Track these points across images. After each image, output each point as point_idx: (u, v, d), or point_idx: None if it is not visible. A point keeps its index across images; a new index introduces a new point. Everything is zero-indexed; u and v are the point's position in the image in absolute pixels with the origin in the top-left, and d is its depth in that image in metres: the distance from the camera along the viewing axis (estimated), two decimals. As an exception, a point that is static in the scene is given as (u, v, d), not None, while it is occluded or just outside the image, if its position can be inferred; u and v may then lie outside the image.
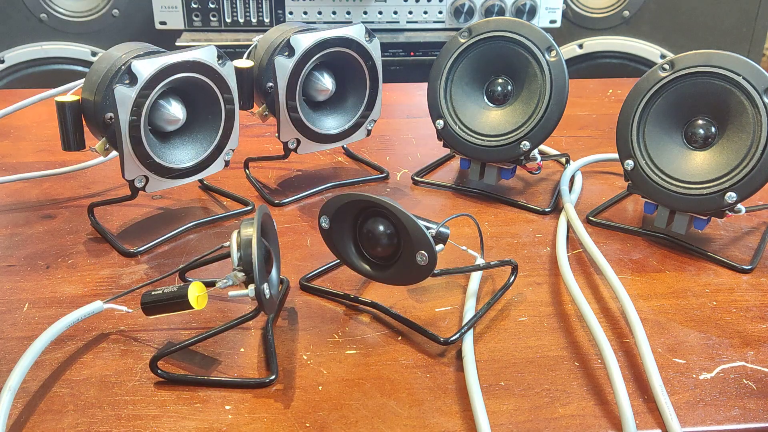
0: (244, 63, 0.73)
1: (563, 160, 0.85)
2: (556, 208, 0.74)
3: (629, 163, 0.68)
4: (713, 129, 0.66)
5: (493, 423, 0.46)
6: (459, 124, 0.76)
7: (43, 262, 0.64)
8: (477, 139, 0.75)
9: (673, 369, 0.51)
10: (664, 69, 0.66)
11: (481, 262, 0.60)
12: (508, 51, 0.74)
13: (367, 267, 0.57)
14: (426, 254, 0.51)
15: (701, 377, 0.51)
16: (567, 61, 0.95)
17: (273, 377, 0.49)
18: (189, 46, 0.65)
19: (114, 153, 0.66)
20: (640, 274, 0.63)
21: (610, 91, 1.14)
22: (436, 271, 0.53)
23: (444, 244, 0.55)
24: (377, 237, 0.54)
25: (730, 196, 0.63)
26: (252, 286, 0.47)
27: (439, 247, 0.53)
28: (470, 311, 0.56)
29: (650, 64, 1.62)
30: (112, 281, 0.61)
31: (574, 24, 1.63)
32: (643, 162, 0.67)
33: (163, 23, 1.47)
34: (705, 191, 0.64)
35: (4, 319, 0.56)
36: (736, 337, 0.55)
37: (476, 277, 0.60)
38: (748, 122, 0.63)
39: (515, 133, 0.73)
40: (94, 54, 1.54)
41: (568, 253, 0.66)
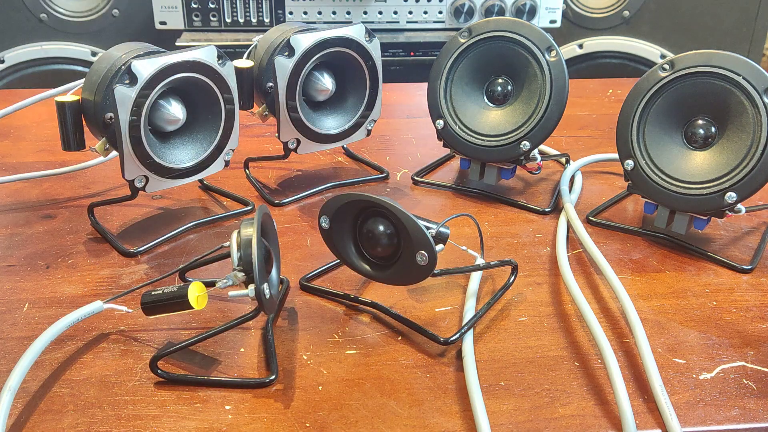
0: (244, 63, 0.73)
1: (563, 160, 0.85)
2: (556, 208, 0.74)
3: (629, 163, 0.68)
4: (713, 129, 0.66)
5: (493, 423, 0.46)
6: (459, 124, 0.76)
7: (43, 262, 0.64)
8: (477, 139, 0.75)
9: (673, 369, 0.51)
10: (664, 69, 0.66)
11: (481, 262, 0.60)
12: (508, 51, 0.74)
13: (367, 267, 0.57)
14: (426, 254, 0.51)
15: (701, 377, 0.51)
16: (567, 61, 0.95)
17: (273, 377, 0.49)
18: (189, 46, 0.65)
19: (114, 153, 0.66)
20: (640, 274, 0.63)
21: (610, 91, 1.14)
22: (436, 271, 0.53)
23: (444, 244, 0.55)
24: (377, 237, 0.54)
25: (730, 196, 0.63)
26: (252, 286, 0.47)
27: (439, 247, 0.53)
28: (470, 311, 0.56)
29: (650, 64, 1.62)
30: (112, 281, 0.61)
31: (574, 24, 1.63)
32: (643, 162, 0.67)
33: (163, 23, 1.47)
34: (705, 191, 0.64)
35: (4, 319, 0.56)
36: (736, 337, 0.55)
37: (476, 277, 0.60)
38: (748, 122, 0.63)
39: (515, 133, 0.73)
40: (94, 54, 1.54)
41: (568, 253, 0.66)
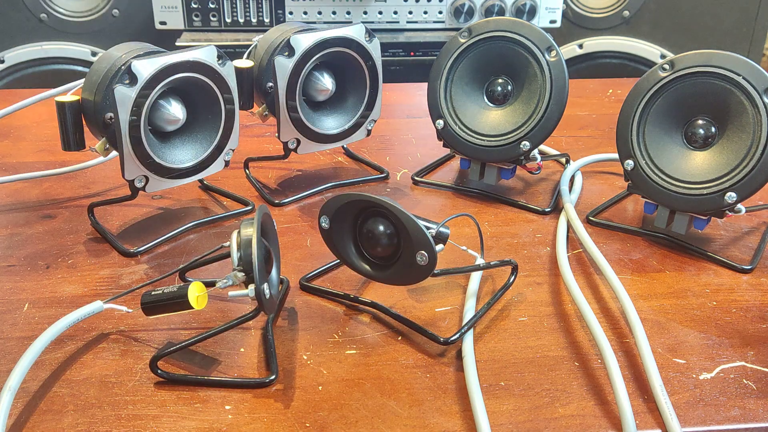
0: (244, 63, 0.73)
1: (563, 160, 0.85)
2: (556, 208, 0.74)
3: (629, 163, 0.68)
4: (713, 129, 0.66)
5: (493, 423, 0.46)
6: (459, 124, 0.76)
7: (43, 262, 0.64)
8: (477, 139, 0.75)
9: (673, 369, 0.51)
10: (664, 69, 0.66)
11: (481, 262, 0.60)
12: (508, 51, 0.74)
13: (367, 267, 0.56)
14: (426, 254, 0.51)
15: (701, 377, 0.51)
16: (567, 61, 0.95)
17: (273, 377, 0.49)
18: (189, 46, 0.65)
19: (114, 153, 0.66)
20: (640, 274, 0.63)
21: (610, 91, 1.14)
22: (436, 271, 0.53)
23: (444, 244, 0.55)
24: (377, 237, 0.54)
25: (730, 196, 0.63)
26: (252, 286, 0.47)
27: (439, 247, 0.53)
28: (470, 311, 0.56)
29: (650, 64, 1.62)
30: (112, 281, 0.61)
31: (574, 24, 1.63)
32: (643, 162, 0.67)
33: (163, 23, 1.47)
34: (705, 191, 0.64)
35: (4, 319, 0.56)
36: (736, 337, 0.55)
37: (476, 277, 0.60)
38: (748, 122, 0.63)
39: (515, 133, 0.73)
40: (94, 54, 1.54)
41: (568, 253, 0.66)
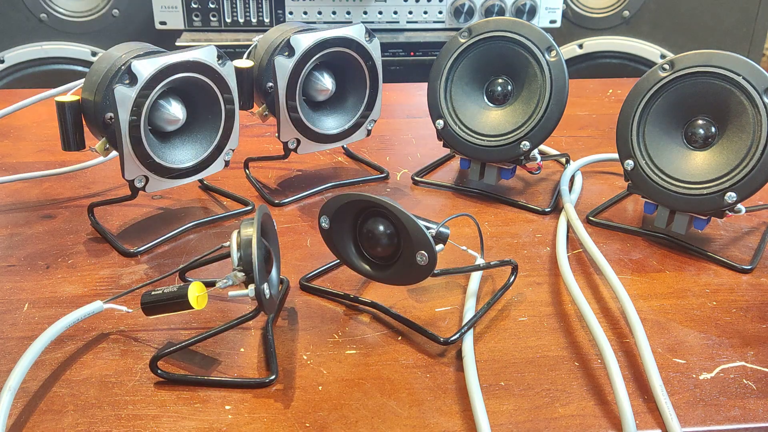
0: (244, 63, 0.73)
1: (563, 160, 0.85)
2: (556, 208, 0.74)
3: (629, 163, 0.68)
4: (713, 129, 0.66)
5: (493, 423, 0.46)
6: (459, 124, 0.76)
7: (43, 262, 0.64)
8: (477, 139, 0.75)
9: (673, 369, 0.51)
10: (664, 69, 0.66)
11: (481, 262, 0.60)
12: (508, 51, 0.74)
13: (367, 267, 0.56)
14: (426, 254, 0.51)
15: (701, 377, 0.51)
16: (567, 61, 0.95)
17: (273, 377, 0.49)
18: (189, 46, 0.65)
19: (114, 153, 0.66)
20: (640, 274, 0.63)
21: (610, 91, 1.14)
22: (436, 271, 0.53)
23: (444, 244, 0.55)
24: (377, 237, 0.54)
25: (730, 196, 0.63)
26: (252, 286, 0.47)
27: (439, 247, 0.53)
28: (470, 311, 0.56)
29: (650, 64, 1.62)
30: (112, 281, 0.61)
31: (574, 24, 1.63)
32: (643, 162, 0.67)
33: (163, 23, 1.47)
34: (705, 191, 0.64)
35: (4, 319, 0.56)
36: (736, 337, 0.55)
37: (476, 277, 0.60)
38: (748, 122, 0.63)
39: (515, 133, 0.73)
40: (94, 54, 1.54)
41: (568, 253, 0.66)
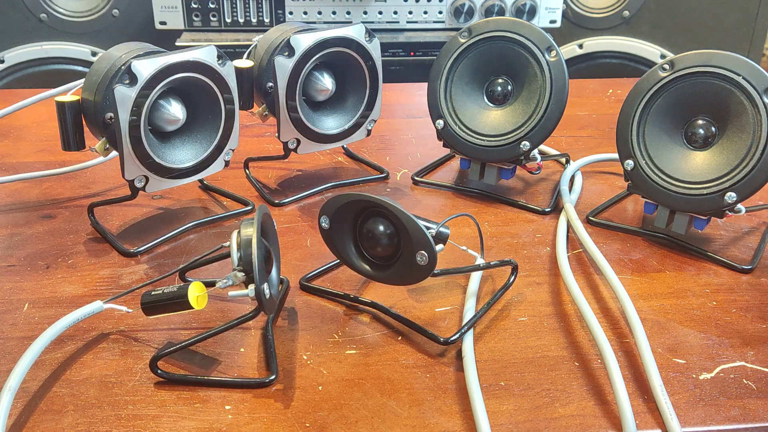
0: (244, 63, 0.73)
1: (563, 160, 0.85)
2: (556, 208, 0.74)
3: (629, 163, 0.68)
4: (713, 129, 0.66)
5: (493, 423, 0.46)
6: (459, 124, 0.76)
7: (43, 262, 0.64)
8: (477, 139, 0.75)
9: (673, 369, 0.51)
10: (664, 69, 0.66)
11: (481, 262, 0.60)
12: (508, 51, 0.74)
13: (367, 267, 0.56)
14: (426, 254, 0.51)
15: (701, 377, 0.51)
16: (567, 61, 0.95)
17: (273, 377, 0.49)
18: (189, 46, 0.65)
19: (114, 153, 0.66)
20: (640, 274, 0.63)
21: (610, 91, 1.14)
22: (436, 271, 0.53)
23: (444, 244, 0.55)
24: (377, 237, 0.54)
25: (730, 196, 0.63)
26: (252, 286, 0.47)
27: (439, 247, 0.53)
28: (470, 311, 0.56)
29: (650, 64, 1.62)
30: (112, 281, 0.61)
31: (574, 24, 1.63)
32: (643, 162, 0.67)
33: (163, 23, 1.47)
34: (705, 191, 0.64)
35: (4, 319, 0.56)
36: (736, 337, 0.55)
37: (476, 277, 0.60)
38: (748, 122, 0.63)
39: (515, 133, 0.73)
40: (94, 54, 1.54)
41: (568, 253, 0.66)
